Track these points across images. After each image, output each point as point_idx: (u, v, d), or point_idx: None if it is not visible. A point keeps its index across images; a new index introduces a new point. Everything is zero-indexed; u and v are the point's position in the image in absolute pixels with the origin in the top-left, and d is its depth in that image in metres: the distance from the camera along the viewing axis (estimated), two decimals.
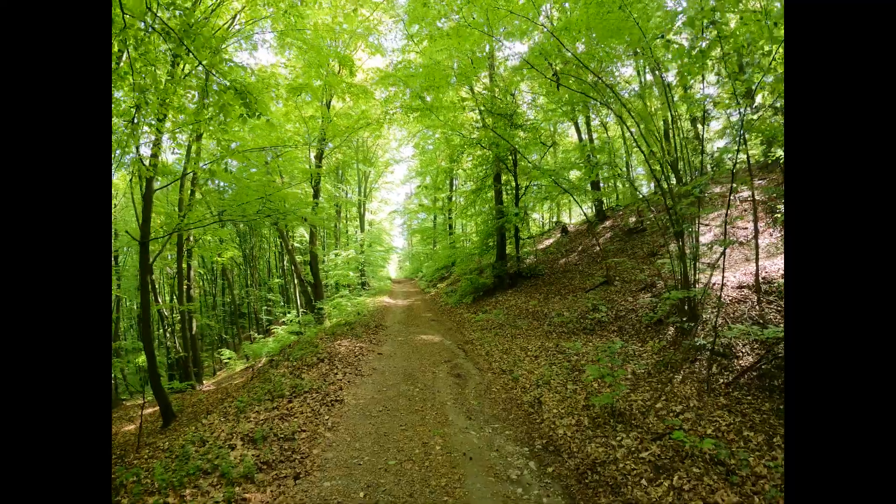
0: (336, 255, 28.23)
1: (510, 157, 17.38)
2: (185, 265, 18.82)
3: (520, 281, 17.13)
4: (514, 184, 18.18)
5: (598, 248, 17.44)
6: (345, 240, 32.99)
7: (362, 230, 34.03)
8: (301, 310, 21.91)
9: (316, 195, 21.92)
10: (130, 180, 14.73)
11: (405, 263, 47.41)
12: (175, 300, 19.95)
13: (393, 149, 36.28)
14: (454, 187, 30.07)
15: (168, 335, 22.14)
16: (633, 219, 18.51)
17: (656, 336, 8.84)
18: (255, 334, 21.62)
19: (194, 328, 21.41)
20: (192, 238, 20.67)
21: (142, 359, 20.48)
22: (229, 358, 18.59)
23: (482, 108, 17.06)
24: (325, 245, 33.77)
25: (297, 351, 10.71)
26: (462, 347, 10.92)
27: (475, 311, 15.26)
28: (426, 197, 34.65)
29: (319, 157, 22.27)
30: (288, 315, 19.54)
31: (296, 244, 29.87)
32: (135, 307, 31.91)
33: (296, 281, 23.27)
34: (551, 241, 23.12)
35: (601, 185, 22.64)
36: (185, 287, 18.97)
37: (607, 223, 20.89)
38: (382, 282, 33.56)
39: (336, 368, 9.17)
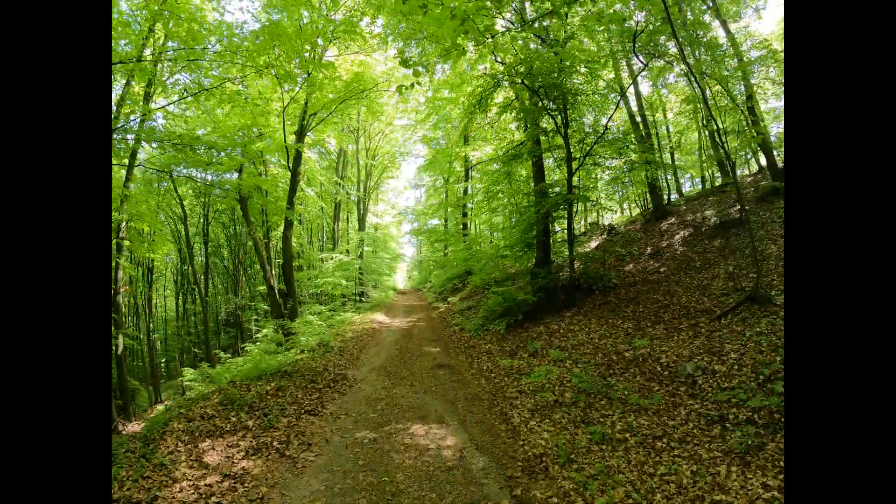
0: (327, 258, 21.78)
1: (559, 114, 10.71)
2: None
3: (579, 296, 10.37)
4: (562, 155, 11.55)
5: (679, 250, 10.79)
6: (345, 244, 26.30)
7: (361, 229, 27.48)
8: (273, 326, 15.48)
9: (294, 176, 15.41)
10: None
11: (414, 273, 40.83)
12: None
13: (399, 144, 29.99)
14: (470, 177, 23.37)
15: None
16: (707, 212, 13.27)
17: None
18: (221, 353, 15.18)
19: (121, 347, 14.55)
20: (121, 227, 13.96)
21: None
22: (191, 380, 12.50)
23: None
24: (324, 247, 27.36)
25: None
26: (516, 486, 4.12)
27: (514, 352, 8.53)
28: (435, 174, 28.08)
29: (301, 133, 15.76)
30: (264, 330, 13.91)
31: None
32: None
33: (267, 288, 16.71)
34: (595, 243, 16.30)
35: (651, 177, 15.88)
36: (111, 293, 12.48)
37: (671, 220, 14.47)
38: (384, 293, 27.02)
39: None
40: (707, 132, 17.32)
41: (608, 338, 7.96)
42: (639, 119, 15.61)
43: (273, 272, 18.51)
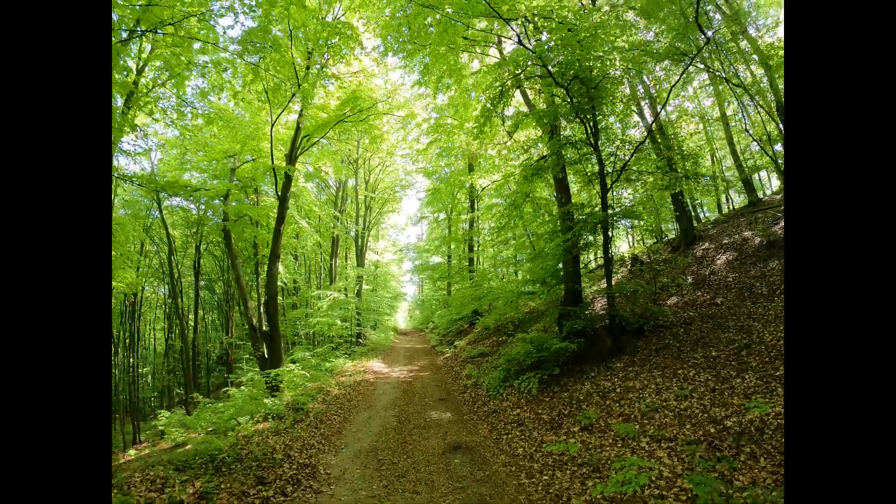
0: (322, 295, 19.39)
1: (589, 117, 8.60)
2: None
3: (626, 340, 7.92)
4: (592, 170, 9.44)
5: (730, 277, 8.51)
6: (343, 282, 23.80)
7: (360, 265, 25.14)
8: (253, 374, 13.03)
9: (283, 203, 13.29)
10: None
11: (416, 312, 38.24)
12: None
13: (400, 178, 28.27)
14: (476, 208, 21.20)
15: None
16: (745, 233, 11.63)
17: None
18: (199, 396, 12.71)
19: None
20: None
21: None
22: (165, 425, 10.65)
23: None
24: (321, 285, 24.94)
25: None
26: None
27: (559, 424, 6.02)
28: (437, 209, 26.11)
29: (292, 156, 13.73)
30: (248, 374, 12.71)
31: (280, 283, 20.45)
32: None
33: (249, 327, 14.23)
34: (618, 276, 13.92)
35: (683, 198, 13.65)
36: None
37: (704, 244, 12.46)
38: (384, 334, 24.49)
39: None
40: (726, 148, 15.37)
41: (689, 397, 5.52)
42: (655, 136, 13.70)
43: (259, 309, 16.21)
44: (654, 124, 9.41)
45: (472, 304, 17.24)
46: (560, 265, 10.02)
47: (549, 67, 7.82)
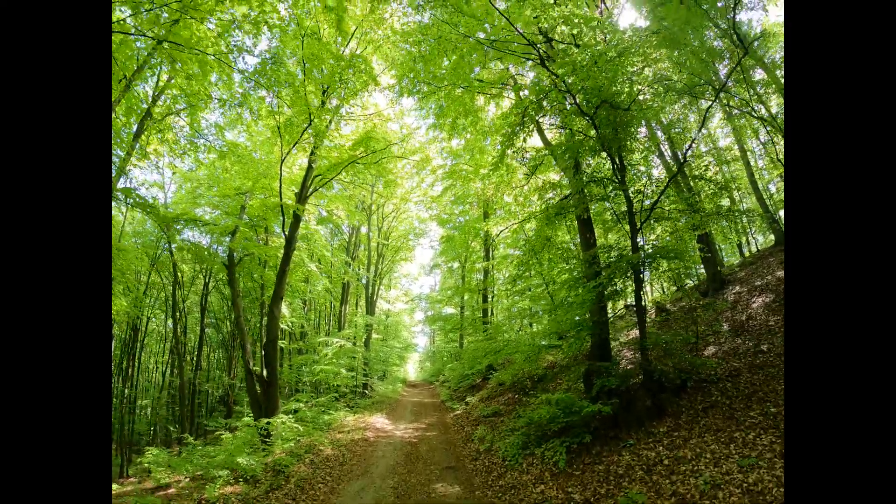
0: (328, 342, 18.36)
1: (615, 148, 7.83)
2: None
3: (666, 399, 6.68)
4: (620, 209, 8.61)
5: (771, 321, 7.45)
6: (351, 329, 22.64)
7: (369, 313, 24.11)
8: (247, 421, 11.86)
9: (290, 243, 12.65)
10: None
11: (426, 364, 36.68)
12: None
13: (414, 226, 27.89)
14: (491, 257, 20.28)
15: None
16: (778, 272, 10.79)
17: None
18: (190, 438, 11.58)
19: None
20: None
21: None
22: (152, 463, 9.23)
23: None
24: (330, 331, 23.80)
25: None
26: None
27: None
28: (452, 258, 25.28)
29: (302, 195, 13.25)
30: (244, 419, 11.86)
31: (283, 325, 19.40)
32: None
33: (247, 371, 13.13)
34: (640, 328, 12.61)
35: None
36: None
37: (735, 288, 11.47)
38: (392, 385, 23.13)
39: None
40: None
41: (756, 467, 4.37)
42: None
43: (257, 352, 15.17)
44: (683, 157, 8.59)
45: (487, 359, 15.91)
46: (587, 315, 8.93)
47: (574, 95, 7.17)
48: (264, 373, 10.93)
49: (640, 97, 7.49)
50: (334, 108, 12.16)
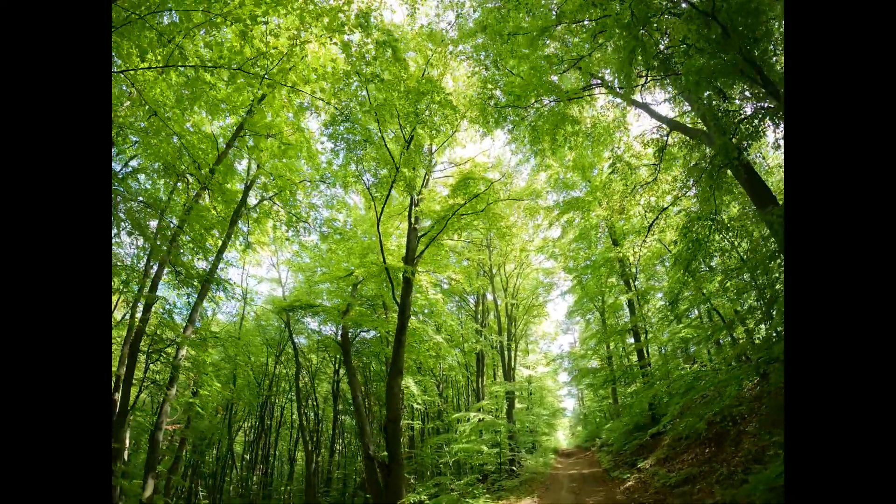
0: (462, 418, 16.60)
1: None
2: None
3: None
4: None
5: None
6: (490, 401, 20.43)
7: (508, 380, 21.65)
8: None
9: (403, 310, 11.65)
10: None
11: (578, 428, 32.33)
12: None
13: (542, 280, 25.77)
14: (633, 288, 16.97)
15: None
16: None
17: None
18: None
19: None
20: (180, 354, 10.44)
21: None
22: None
23: None
24: (469, 406, 21.94)
25: None
26: None
27: None
28: (588, 309, 22.28)
29: (409, 257, 12.46)
30: None
31: (415, 404, 18.11)
32: None
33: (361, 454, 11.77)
34: None
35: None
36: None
37: None
38: (543, 457, 20.14)
39: None
40: None
41: None
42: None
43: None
44: None
45: (651, 411, 12.41)
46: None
47: None
48: (378, 456, 9.38)
49: None
50: (421, 150, 11.40)
